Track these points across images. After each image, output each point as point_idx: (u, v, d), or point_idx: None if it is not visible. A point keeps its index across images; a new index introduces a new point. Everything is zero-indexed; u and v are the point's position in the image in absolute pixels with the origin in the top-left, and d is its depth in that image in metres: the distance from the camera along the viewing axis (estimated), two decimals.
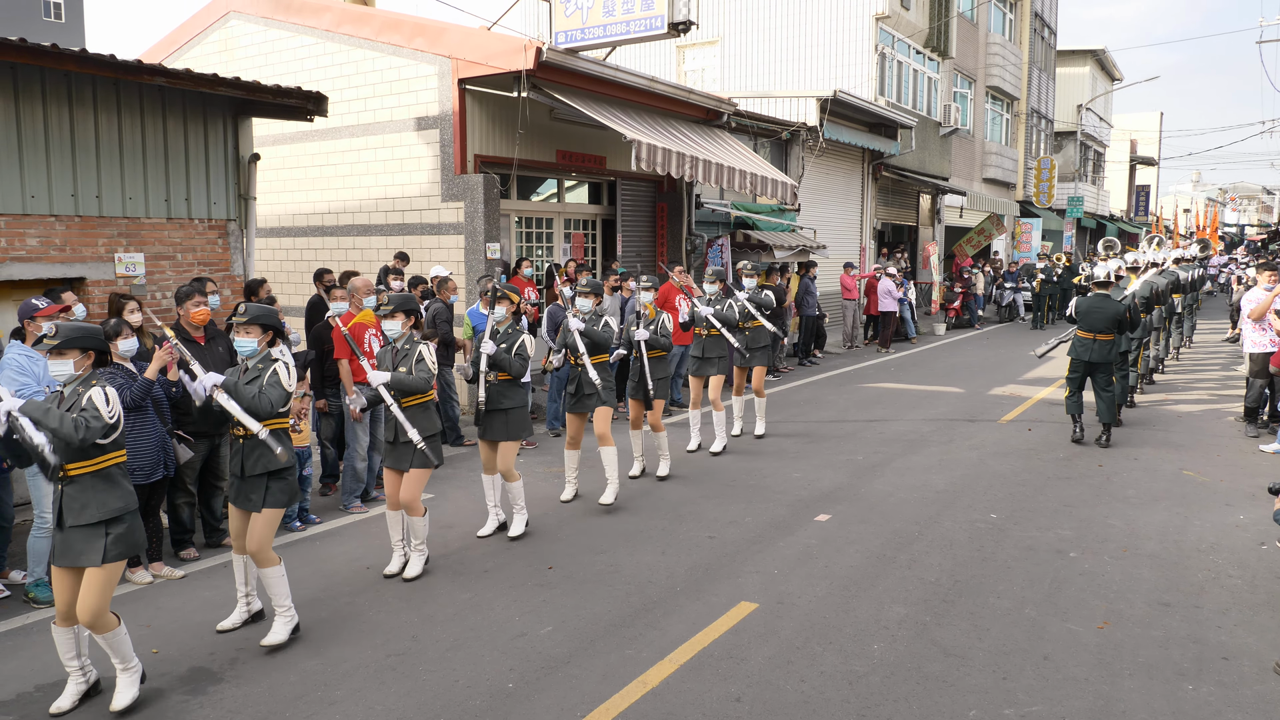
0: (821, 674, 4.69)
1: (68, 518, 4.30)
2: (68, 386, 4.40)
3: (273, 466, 5.08)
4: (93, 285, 7.63)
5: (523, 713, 4.34)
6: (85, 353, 4.40)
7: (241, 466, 5.12)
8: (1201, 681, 4.60)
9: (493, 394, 6.81)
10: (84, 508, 4.31)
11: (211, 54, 13.87)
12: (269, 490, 5.11)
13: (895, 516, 7.29)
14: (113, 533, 4.35)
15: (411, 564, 6.15)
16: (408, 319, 6.20)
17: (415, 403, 6.12)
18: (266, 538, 5.11)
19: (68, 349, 4.35)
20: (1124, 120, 53.86)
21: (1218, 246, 39.04)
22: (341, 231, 13.07)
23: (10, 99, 7.06)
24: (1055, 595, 5.69)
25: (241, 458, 5.12)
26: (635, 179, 14.91)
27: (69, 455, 4.27)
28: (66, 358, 4.34)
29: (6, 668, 4.84)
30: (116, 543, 4.36)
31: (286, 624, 5.13)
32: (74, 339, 4.36)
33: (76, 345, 4.37)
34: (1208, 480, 8.32)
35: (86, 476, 4.33)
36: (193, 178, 8.39)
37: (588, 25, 11.30)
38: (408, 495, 6.06)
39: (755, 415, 10.38)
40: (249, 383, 5.04)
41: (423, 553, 6.21)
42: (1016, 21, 32.15)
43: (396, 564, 6.21)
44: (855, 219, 21.94)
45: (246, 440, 5.07)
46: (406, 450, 6.07)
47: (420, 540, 6.18)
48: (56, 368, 4.34)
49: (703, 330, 9.35)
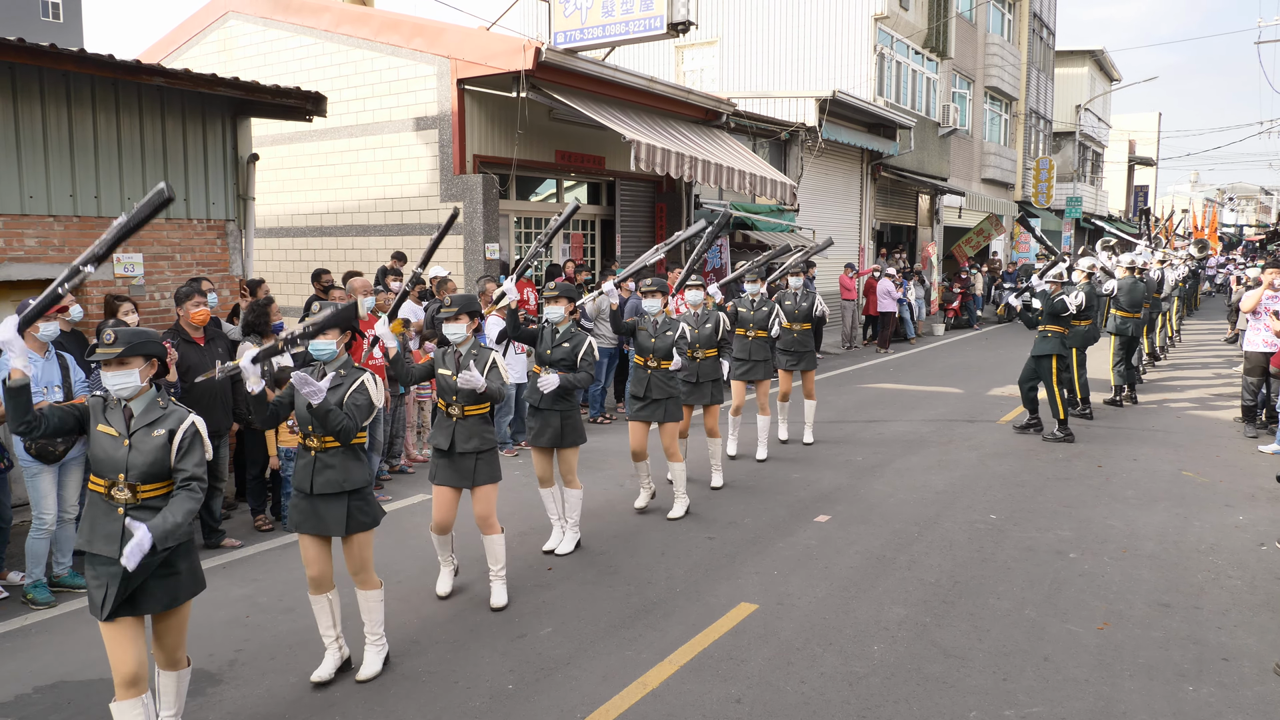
0: (822, 675, 4.68)
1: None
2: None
3: (350, 484, 4.52)
4: (91, 286, 7.61)
5: (523, 713, 4.33)
6: (149, 360, 3.78)
7: (311, 483, 4.52)
8: (1202, 682, 4.59)
9: (549, 395, 6.29)
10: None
11: (210, 54, 13.86)
12: (351, 513, 4.55)
13: (895, 517, 7.29)
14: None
15: (496, 593, 5.57)
16: (472, 321, 5.54)
17: (479, 412, 5.51)
18: (367, 559, 4.67)
19: (130, 357, 3.69)
20: (1122, 121, 53.88)
21: (1216, 247, 39.08)
22: (340, 232, 13.06)
23: (9, 99, 7.04)
24: (1055, 596, 5.69)
25: (310, 473, 4.53)
26: (634, 179, 14.91)
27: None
28: (130, 367, 3.70)
29: (5, 669, 4.83)
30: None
31: (379, 653, 4.75)
32: (137, 346, 3.70)
33: (141, 353, 3.72)
34: (1207, 481, 8.32)
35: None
36: (191, 178, 8.37)
37: (587, 25, 11.30)
38: (482, 511, 5.49)
39: (804, 421, 9.96)
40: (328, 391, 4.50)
41: (504, 580, 5.63)
42: (1015, 22, 32.16)
43: (447, 581, 5.74)
44: (854, 219, 21.94)
45: (320, 454, 4.54)
46: (466, 463, 5.42)
47: (501, 564, 5.59)
48: (117, 380, 3.68)
49: (748, 332, 8.98)
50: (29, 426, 3.67)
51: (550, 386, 6.09)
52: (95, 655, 4.89)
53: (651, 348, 7.11)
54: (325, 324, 4.52)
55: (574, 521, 6.59)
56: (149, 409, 3.77)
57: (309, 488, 4.53)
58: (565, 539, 6.54)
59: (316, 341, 4.50)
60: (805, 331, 9.62)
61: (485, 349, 5.51)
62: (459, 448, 5.40)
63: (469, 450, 5.40)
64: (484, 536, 5.57)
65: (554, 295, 6.45)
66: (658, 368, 7.12)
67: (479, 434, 5.45)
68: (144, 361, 3.75)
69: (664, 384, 7.15)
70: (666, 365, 7.11)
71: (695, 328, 7.86)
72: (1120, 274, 12.51)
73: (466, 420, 5.44)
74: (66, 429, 3.79)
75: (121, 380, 3.69)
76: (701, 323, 7.90)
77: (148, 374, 3.79)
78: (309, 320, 4.58)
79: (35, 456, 5.65)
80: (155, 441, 3.69)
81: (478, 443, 5.42)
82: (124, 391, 3.71)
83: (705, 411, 8.02)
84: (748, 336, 8.98)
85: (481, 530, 5.56)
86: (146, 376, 3.78)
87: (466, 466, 5.42)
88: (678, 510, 7.34)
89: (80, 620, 5.45)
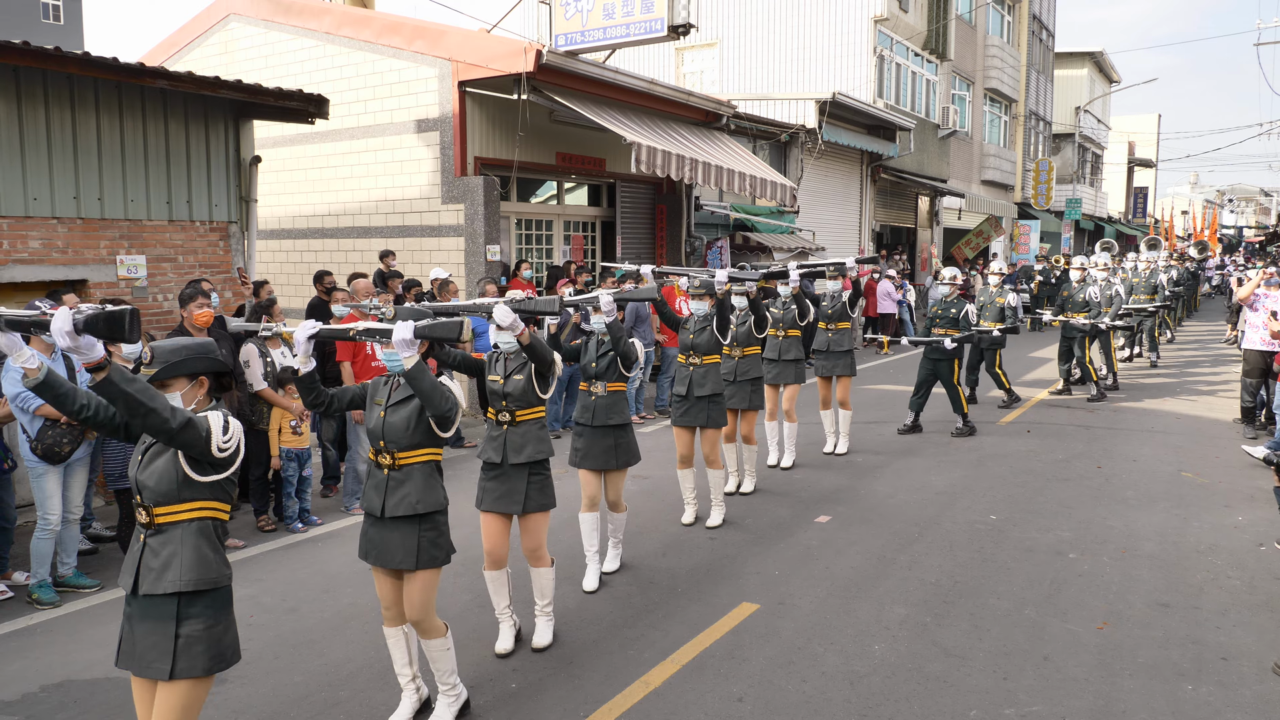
0: (823, 674, 4.71)
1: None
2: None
3: (424, 508, 4.03)
4: (95, 287, 7.65)
5: (527, 712, 4.36)
6: (194, 380, 3.30)
7: (382, 505, 4.03)
8: (1201, 682, 4.62)
9: (600, 409, 5.76)
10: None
11: (212, 56, 13.89)
12: (421, 545, 4.04)
13: (895, 518, 7.31)
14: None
15: (540, 631, 5.07)
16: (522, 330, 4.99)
17: (532, 416, 4.94)
18: (428, 602, 4.11)
19: (171, 379, 3.24)
20: (1122, 122, 53.96)
21: (1216, 248, 39.12)
22: (342, 234, 13.09)
23: (13, 101, 7.08)
24: (1055, 596, 5.72)
25: (382, 494, 4.04)
26: (634, 181, 14.95)
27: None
28: (171, 390, 3.23)
29: (11, 668, 4.86)
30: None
31: (452, 705, 4.23)
32: (174, 366, 3.23)
33: (182, 373, 3.25)
34: (1206, 482, 8.35)
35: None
36: (194, 180, 8.41)
37: (588, 28, 11.33)
38: (532, 542, 4.95)
39: (840, 430, 9.52)
40: (397, 404, 4.07)
41: (550, 617, 5.12)
42: (1014, 24, 32.22)
43: (508, 638, 5.02)
44: (854, 221, 21.99)
45: (393, 472, 4.05)
46: (517, 483, 4.85)
47: (548, 600, 5.08)
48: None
49: (779, 332, 8.61)
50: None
51: (607, 304, 5.50)
52: (100, 655, 4.92)
53: (692, 344, 6.92)
54: (427, 335, 3.93)
55: (617, 540, 6.23)
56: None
57: (380, 510, 4.04)
58: (608, 558, 6.21)
59: (387, 351, 3.98)
60: (842, 331, 9.30)
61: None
62: (511, 459, 4.83)
63: (521, 462, 4.82)
64: (531, 569, 5.05)
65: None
66: (700, 363, 6.90)
67: (533, 442, 4.88)
68: (188, 382, 3.27)
69: (707, 380, 6.85)
70: (712, 359, 6.91)
71: (735, 325, 7.63)
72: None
73: (519, 427, 4.86)
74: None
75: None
76: (741, 320, 7.71)
77: (194, 395, 3.29)
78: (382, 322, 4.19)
79: (41, 457, 5.68)
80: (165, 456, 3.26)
81: (531, 451, 4.84)
82: None
83: (741, 416, 7.78)
84: (778, 336, 8.62)
85: (529, 562, 5.03)
86: (193, 399, 3.29)
87: (517, 488, 4.84)
88: (715, 519, 7.11)
89: (85, 620, 5.49)
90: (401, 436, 4.03)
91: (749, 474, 8.07)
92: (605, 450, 5.76)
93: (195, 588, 3.15)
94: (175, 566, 3.14)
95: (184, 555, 3.16)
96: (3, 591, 5.82)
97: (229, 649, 3.27)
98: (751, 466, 8.06)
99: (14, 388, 5.61)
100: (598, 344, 5.85)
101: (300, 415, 7.19)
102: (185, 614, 3.16)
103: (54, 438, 5.69)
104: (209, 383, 3.35)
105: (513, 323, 4.60)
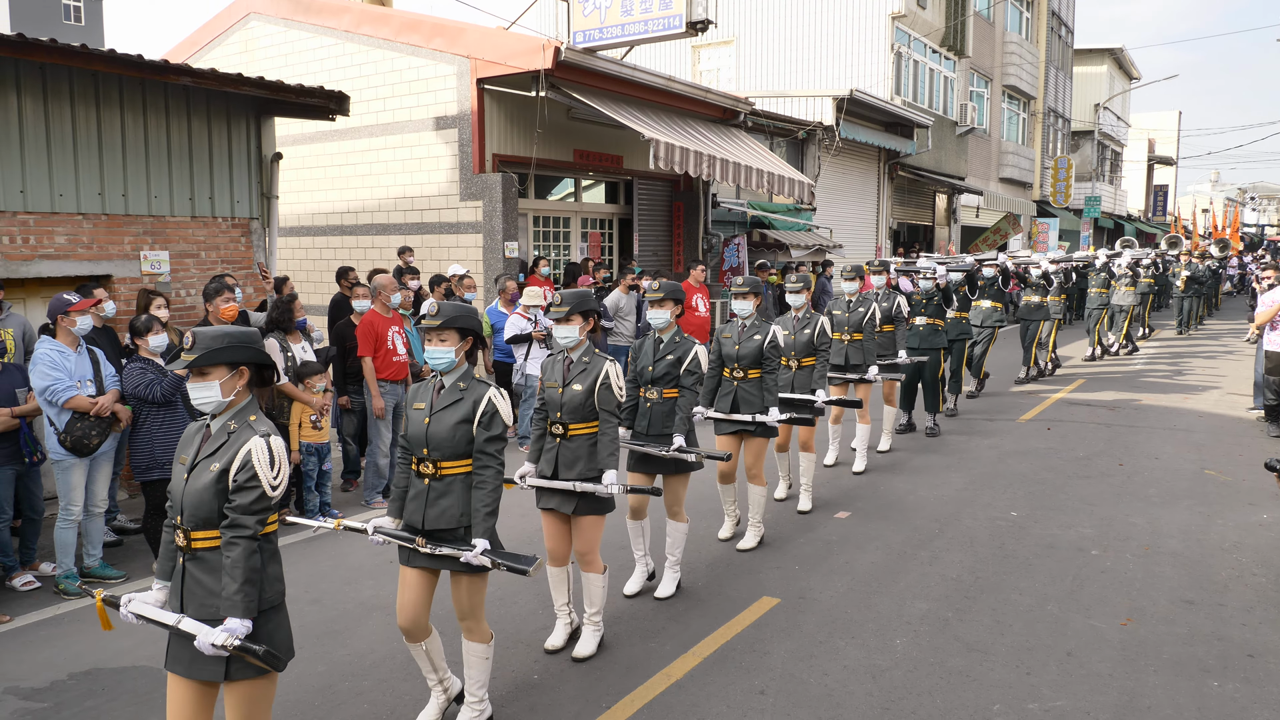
0: (844, 668, 4.70)
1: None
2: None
3: (469, 521, 3.87)
4: (119, 283, 7.72)
5: (548, 702, 4.38)
6: (235, 369, 3.15)
7: (423, 516, 3.87)
8: (1227, 678, 4.59)
9: (656, 417, 5.43)
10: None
11: (232, 55, 14.00)
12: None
13: (915, 514, 7.29)
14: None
15: (584, 639, 4.84)
16: (587, 322, 4.74)
17: (587, 431, 4.73)
18: (477, 605, 3.98)
19: (210, 366, 3.09)
20: (1142, 119, 53.59)
21: (1238, 246, 38.75)
22: (361, 230, 13.16)
23: (40, 99, 7.15)
24: (1077, 592, 5.69)
25: (423, 505, 3.88)
26: (652, 178, 14.96)
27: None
28: (209, 379, 3.09)
29: (40, 656, 4.91)
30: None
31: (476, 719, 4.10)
32: (215, 353, 3.08)
33: (222, 360, 3.10)
34: (1230, 480, 8.29)
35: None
36: (216, 176, 8.47)
37: (606, 25, 11.36)
38: (583, 546, 4.77)
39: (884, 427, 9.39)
40: (443, 410, 3.84)
41: (598, 627, 4.89)
42: (1033, 20, 32.03)
43: (561, 634, 4.94)
44: (871, 218, 21.93)
45: (434, 482, 3.86)
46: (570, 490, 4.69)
47: (597, 608, 4.86)
48: (197, 394, 3.10)
49: (843, 335, 8.41)
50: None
51: (678, 441, 5.26)
52: (127, 644, 4.97)
53: (736, 355, 6.21)
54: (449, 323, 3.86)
55: (675, 560, 5.68)
56: (218, 433, 3.14)
57: (420, 522, 3.87)
58: (664, 581, 5.68)
59: (430, 347, 3.88)
60: (888, 334, 8.98)
61: (599, 358, 4.71)
62: (561, 475, 4.66)
63: (572, 478, 4.66)
64: (583, 574, 4.87)
65: (659, 297, 5.46)
66: (744, 377, 6.22)
67: (585, 457, 4.68)
68: (228, 371, 3.12)
69: (753, 396, 6.20)
70: (755, 374, 6.22)
71: (792, 333, 7.07)
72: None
73: (571, 441, 4.68)
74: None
75: (201, 394, 3.10)
76: (799, 327, 7.10)
77: (234, 385, 3.14)
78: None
79: (70, 449, 5.74)
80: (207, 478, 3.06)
81: (583, 468, 4.66)
82: (205, 407, 3.13)
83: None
84: (843, 340, 8.40)
85: (580, 567, 4.85)
86: (232, 388, 3.14)
87: (569, 492, 4.70)
88: (749, 540, 6.49)
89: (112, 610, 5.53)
90: (446, 445, 3.82)
91: (805, 489, 7.39)
92: (662, 457, 5.36)
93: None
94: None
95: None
96: (29, 582, 5.89)
97: (282, 647, 3.17)
98: (809, 479, 7.40)
99: (43, 381, 5.67)
100: (654, 346, 5.44)
101: (320, 410, 7.24)
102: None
103: (83, 430, 5.75)
104: (249, 374, 3.19)
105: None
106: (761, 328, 6.22)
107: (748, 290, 6.28)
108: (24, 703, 4.43)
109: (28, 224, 7.13)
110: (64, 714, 4.32)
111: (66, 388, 5.71)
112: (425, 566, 3.91)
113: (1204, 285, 21.69)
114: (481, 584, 3.96)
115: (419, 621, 3.97)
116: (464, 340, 3.92)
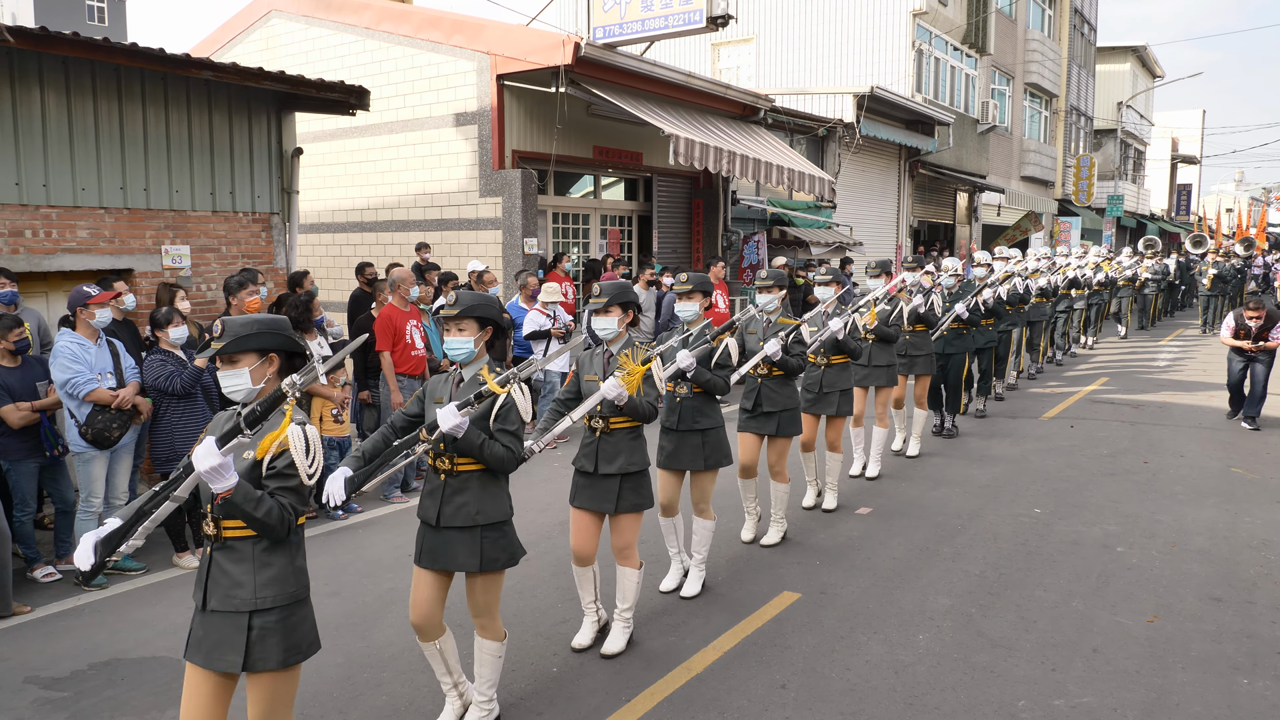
0: (867, 663, 4.65)
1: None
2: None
3: (484, 519, 3.81)
4: (140, 277, 7.76)
5: (567, 695, 4.35)
6: (264, 356, 3.11)
7: (438, 514, 3.82)
8: (1257, 676, 4.51)
9: (686, 411, 5.34)
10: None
11: (254, 52, 14.07)
12: (484, 548, 3.81)
13: (937, 510, 7.22)
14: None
15: (613, 636, 4.79)
16: (626, 314, 4.66)
17: (626, 426, 4.67)
18: (492, 603, 3.94)
19: (240, 353, 3.06)
20: (1165, 118, 53.02)
21: (1262, 246, 38.29)
22: (381, 227, 13.20)
23: (62, 93, 7.20)
24: (1103, 589, 5.60)
25: (438, 502, 3.82)
26: (671, 175, 14.91)
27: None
28: (239, 366, 3.05)
29: (61, 646, 4.93)
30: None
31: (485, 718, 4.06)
32: (245, 339, 3.05)
33: (252, 347, 3.07)
34: (1257, 478, 8.16)
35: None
36: (237, 171, 8.50)
37: (626, 20, 11.34)
38: (621, 541, 4.71)
39: (911, 430, 9.15)
40: (462, 407, 3.66)
41: (628, 624, 4.83)
42: (1056, 18, 31.75)
43: (589, 632, 4.88)
44: (891, 216, 21.80)
45: (450, 478, 3.81)
46: (609, 485, 4.63)
47: (629, 604, 4.79)
48: (227, 382, 3.06)
49: (867, 335, 7.89)
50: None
51: (686, 362, 5.02)
52: (147, 634, 4.99)
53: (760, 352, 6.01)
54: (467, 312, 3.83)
55: (700, 559, 5.58)
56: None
57: (435, 519, 3.82)
58: (690, 580, 5.60)
59: (449, 338, 3.85)
60: (920, 333, 8.78)
61: (639, 349, 4.66)
62: (602, 469, 4.62)
63: (613, 472, 4.61)
64: (618, 568, 4.80)
65: (687, 290, 5.43)
66: (769, 375, 6.07)
67: (626, 451, 4.63)
68: (257, 358, 3.07)
69: (778, 394, 6.08)
70: (779, 372, 6.08)
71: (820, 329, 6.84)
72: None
73: (611, 436, 4.63)
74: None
75: (231, 381, 3.06)
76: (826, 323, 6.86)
77: (264, 373, 3.09)
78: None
79: (91, 442, 5.76)
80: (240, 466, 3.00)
81: (624, 462, 4.61)
82: (235, 395, 3.08)
83: (829, 423, 7.05)
84: (867, 339, 7.96)
85: (617, 561, 4.78)
86: (262, 376, 3.08)
87: (609, 489, 4.63)
88: (772, 536, 6.42)
89: (132, 601, 5.57)
90: (462, 441, 3.70)
91: (830, 487, 7.27)
92: (693, 449, 5.29)
93: (271, 604, 3.01)
94: (249, 585, 2.99)
95: (257, 572, 3.01)
96: (50, 574, 5.91)
97: (305, 640, 3.13)
98: (834, 479, 7.27)
99: (63, 374, 5.69)
100: (683, 342, 5.32)
101: (340, 403, 7.24)
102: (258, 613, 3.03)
103: (104, 423, 5.77)
104: (279, 361, 3.13)
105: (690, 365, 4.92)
106: (786, 326, 6.07)
107: (772, 283, 6.13)
108: (45, 692, 4.44)
109: (50, 217, 7.18)
110: (84, 704, 4.33)
111: (87, 380, 5.73)
112: (438, 567, 3.86)
113: (1230, 284, 21.44)
114: (496, 582, 3.93)
115: (432, 619, 3.90)
116: (483, 330, 3.85)
